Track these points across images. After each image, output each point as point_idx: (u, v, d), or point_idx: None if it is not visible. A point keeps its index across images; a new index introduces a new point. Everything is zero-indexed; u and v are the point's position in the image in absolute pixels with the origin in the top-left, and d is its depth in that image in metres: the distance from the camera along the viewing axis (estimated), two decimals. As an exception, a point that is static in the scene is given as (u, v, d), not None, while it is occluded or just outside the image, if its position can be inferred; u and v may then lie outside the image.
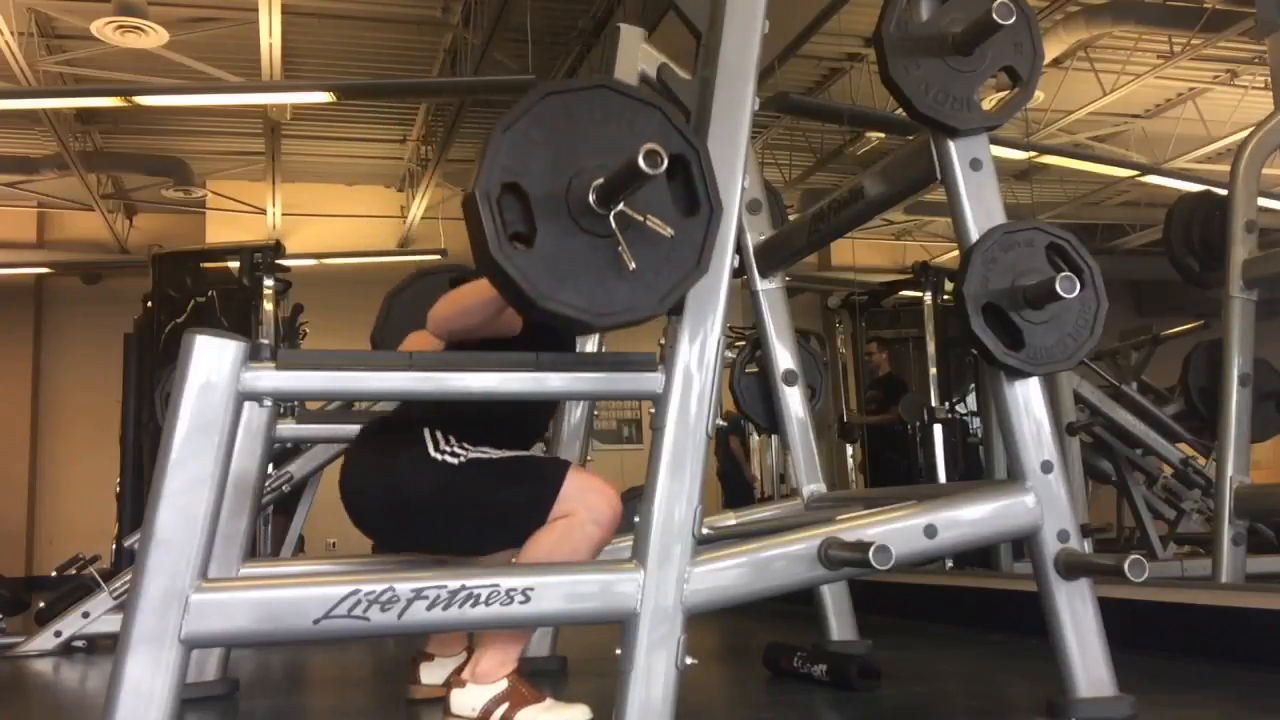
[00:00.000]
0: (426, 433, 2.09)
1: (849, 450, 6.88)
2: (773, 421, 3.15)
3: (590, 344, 2.90)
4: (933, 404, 5.10)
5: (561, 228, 1.60)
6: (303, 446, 4.20)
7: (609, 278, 1.62)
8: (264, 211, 9.32)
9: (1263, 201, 3.31)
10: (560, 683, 2.69)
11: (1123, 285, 9.86)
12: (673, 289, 1.67)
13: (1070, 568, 2.01)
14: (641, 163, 1.48)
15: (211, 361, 1.59)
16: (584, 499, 2.02)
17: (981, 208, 2.14)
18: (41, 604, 4.32)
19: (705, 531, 1.80)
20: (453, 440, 2.09)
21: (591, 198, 1.59)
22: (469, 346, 2.15)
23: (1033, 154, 8.09)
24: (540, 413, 2.44)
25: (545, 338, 2.09)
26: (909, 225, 10.13)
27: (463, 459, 2.06)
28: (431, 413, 2.15)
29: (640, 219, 1.62)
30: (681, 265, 1.67)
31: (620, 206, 1.60)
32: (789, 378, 3.02)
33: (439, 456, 2.06)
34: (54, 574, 4.88)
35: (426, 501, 2.07)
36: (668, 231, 1.64)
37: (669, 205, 1.67)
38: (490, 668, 2.10)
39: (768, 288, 3.08)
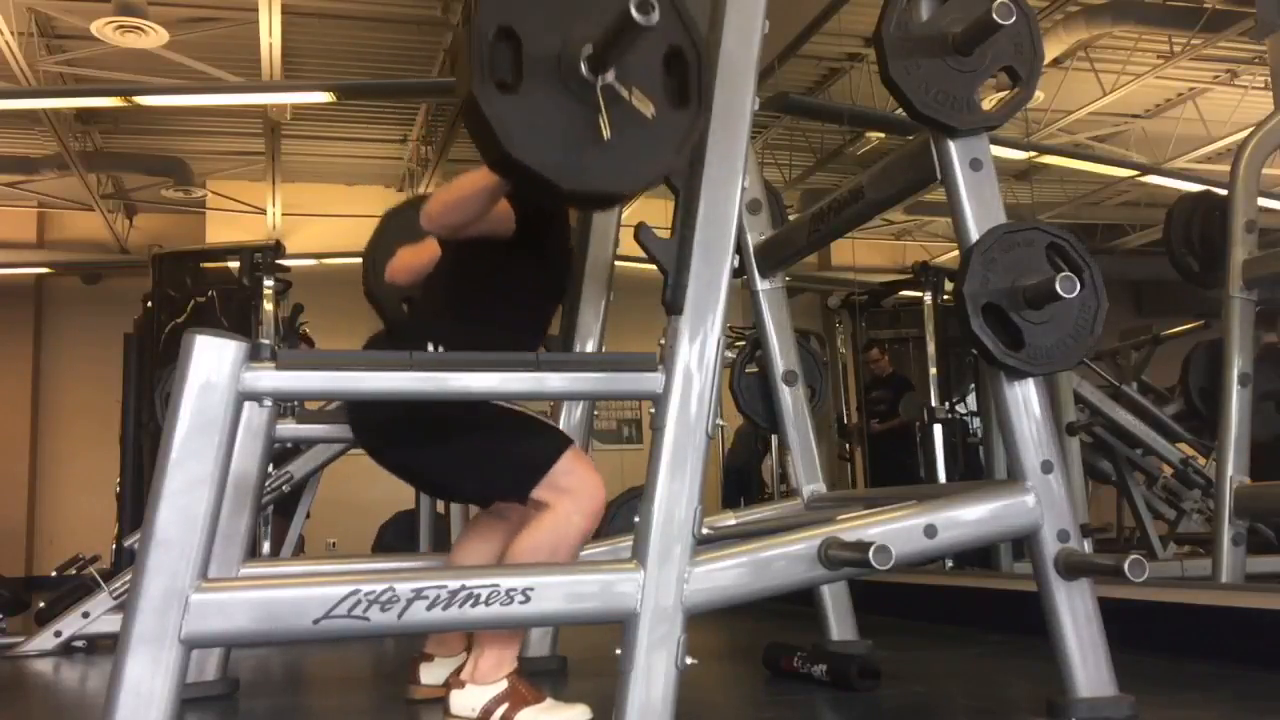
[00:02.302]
0: (429, 348, 2.10)
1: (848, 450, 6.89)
2: (773, 421, 3.15)
3: (590, 344, 2.90)
4: (933, 404, 5.10)
5: (547, 84, 1.59)
6: (303, 446, 4.19)
7: (585, 145, 1.60)
8: (264, 211, 9.32)
9: (1263, 201, 3.31)
10: (560, 683, 2.70)
11: (1123, 285, 9.85)
12: (644, 173, 1.67)
13: (1070, 568, 2.01)
14: (633, 10, 1.46)
15: (211, 361, 1.59)
16: (572, 484, 2.04)
17: (981, 208, 2.14)
18: (41, 604, 4.32)
19: (705, 531, 1.80)
20: None
21: (583, 64, 1.58)
22: (462, 248, 2.17)
23: (1033, 154, 8.08)
24: (538, 334, 2.41)
25: (537, 243, 2.15)
26: (909, 225, 10.12)
27: None
28: (432, 327, 2.15)
29: (626, 94, 1.61)
30: (657, 152, 1.67)
31: (610, 78, 1.59)
32: (789, 378, 3.02)
33: None
34: (54, 574, 4.87)
35: (429, 423, 2.08)
36: (649, 110, 1.63)
37: (659, 94, 1.67)
38: (489, 668, 2.10)
39: (768, 288, 3.08)
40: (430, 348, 2.07)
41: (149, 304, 5.97)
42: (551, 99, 1.59)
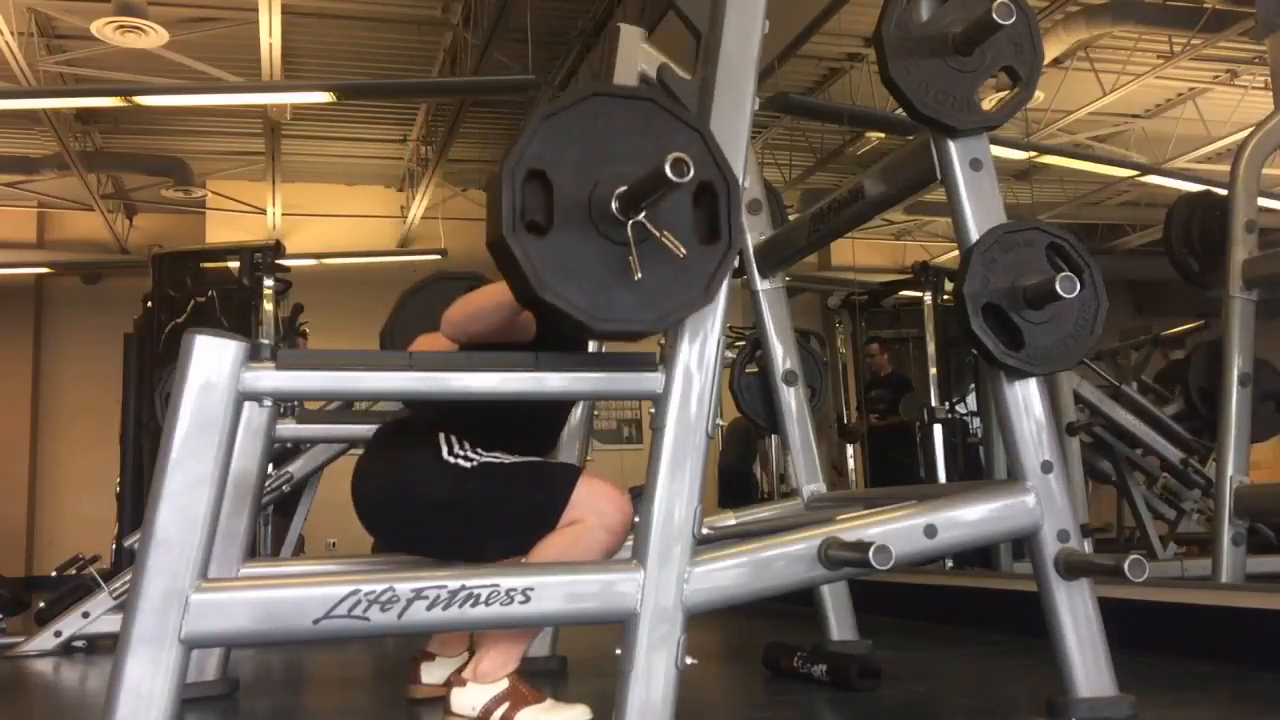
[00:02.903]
0: (440, 436, 2.09)
1: (849, 450, 6.89)
2: (773, 421, 3.15)
3: (590, 345, 2.90)
4: (933, 404, 5.10)
5: (578, 225, 1.60)
6: (303, 446, 4.20)
7: (614, 285, 1.62)
8: (264, 211, 9.32)
9: (1263, 201, 3.31)
10: (560, 683, 2.69)
11: (1123, 285, 9.86)
12: (674, 310, 1.67)
13: (1070, 568, 2.01)
14: (668, 170, 1.49)
15: (211, 361, 1.59)
16: (594, 505, 2.02)
17: (981, 208, 2.13)
18: (41, 604, 4.32)
19: (705, 531, 1.80)
20: (466, 445, 2.09)
21: (614, 204, 1.60)
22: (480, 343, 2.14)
23: (1033, 154, 8.09)
24: (556, 417, 2.44)
25: (556, 348, 2.10)
26: (909, 225, 10.14)
27: (475, 463, 2.07)
28: (446, 415, 2.15)
29: (657, 234, 1.62)
30: (688, 290, 1.67)
31: (640, 217, 1.60)
32: (789, 378, 3.02)
33: (451, 460, 2.07)
34: (54, 574, 4.87)
35: (436, 504, 2.07)
36: (681, 251, 1.64)
37: (689, 229, 1.68)
38: (491, 667, 2.10)
39: (768, 288, 3.08)
40: (441, 436, 2.08)
41: (149, 304, 5.97)
42: (582, 240, 1.60)
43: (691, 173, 1.50)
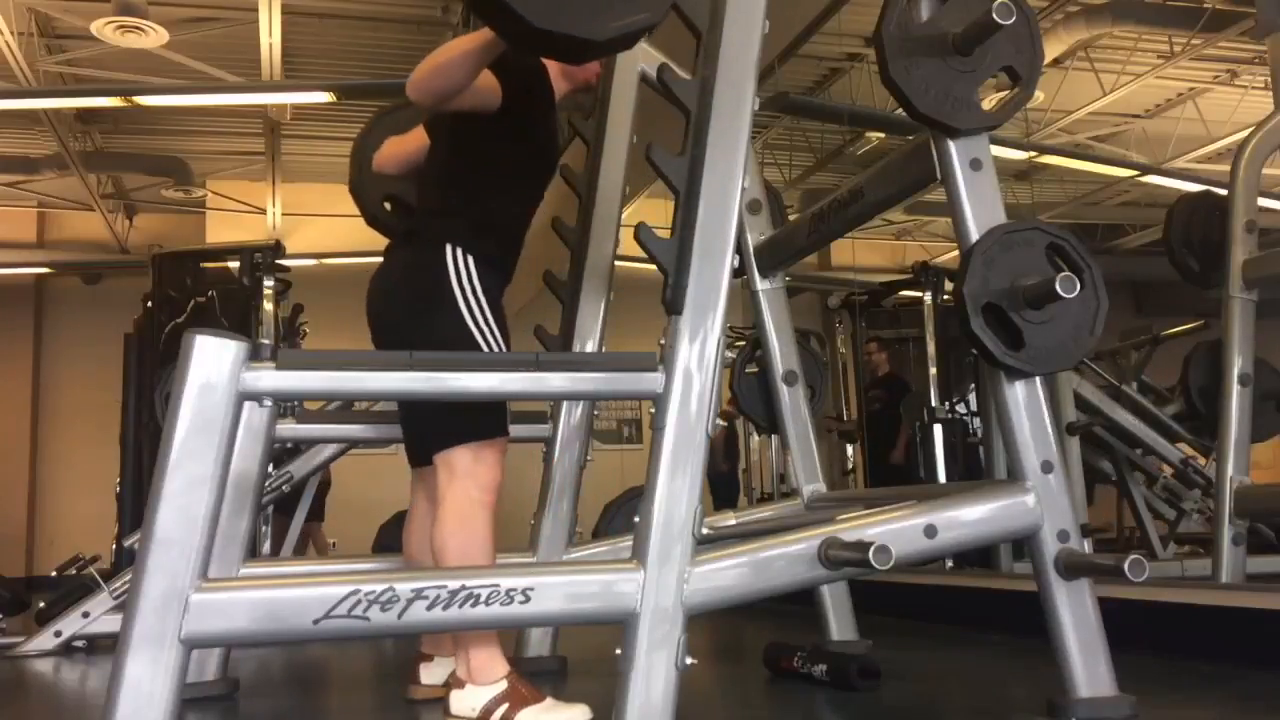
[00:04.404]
0: (448, 250, 2.18)
1: (849, 450, 6.89)
2: (773, 421, 3.15)
3: (590, 344, 2.90)
4: (933, 404, 5.09)
5: None
6: (303, 446, 4.20)
7: None
8: (264, 211, 9.32)
9: (1263, 201, 3.31)
10: (560, 683, 2.69)
11: (1123, 285, 9.85)
12: (617, 22, 1.66)
13: (1070, 568, 2.01)
14: None
15: (211, 361, 1.59)
16: (473, 468, 2.15)
17: (981, 208, 2.13)
18: (41, 604, 4.32)
19: (705, 531, 1.80)
20: (471, 261, 2.18)
21: None
22: (454, 135, 2.24)
23: (1033, 154, 8.09)
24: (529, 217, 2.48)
25: (524, 124, 2.23)
26: (909, 225, 10.13)
27: (474, 321, 2.16)
28: (457, 220, 2.24)
29: None
30: (634, 8, 1.66)
31: None
32: (789, 378, 3.02)
33: (457, 290, 2.16)
34: (54, 574, 4.87)
35: (419, 333, 2.14)
36: None
37: None
38: (483, 665, 2.10)
39: (768, 288, 3.08)
40: (449, 250, 2.17)
41: (149, 304, 5.97)
42: None
43: None
